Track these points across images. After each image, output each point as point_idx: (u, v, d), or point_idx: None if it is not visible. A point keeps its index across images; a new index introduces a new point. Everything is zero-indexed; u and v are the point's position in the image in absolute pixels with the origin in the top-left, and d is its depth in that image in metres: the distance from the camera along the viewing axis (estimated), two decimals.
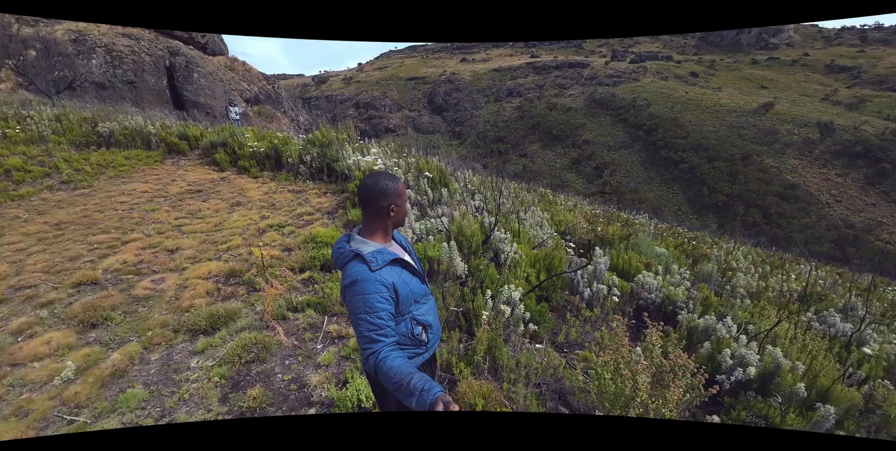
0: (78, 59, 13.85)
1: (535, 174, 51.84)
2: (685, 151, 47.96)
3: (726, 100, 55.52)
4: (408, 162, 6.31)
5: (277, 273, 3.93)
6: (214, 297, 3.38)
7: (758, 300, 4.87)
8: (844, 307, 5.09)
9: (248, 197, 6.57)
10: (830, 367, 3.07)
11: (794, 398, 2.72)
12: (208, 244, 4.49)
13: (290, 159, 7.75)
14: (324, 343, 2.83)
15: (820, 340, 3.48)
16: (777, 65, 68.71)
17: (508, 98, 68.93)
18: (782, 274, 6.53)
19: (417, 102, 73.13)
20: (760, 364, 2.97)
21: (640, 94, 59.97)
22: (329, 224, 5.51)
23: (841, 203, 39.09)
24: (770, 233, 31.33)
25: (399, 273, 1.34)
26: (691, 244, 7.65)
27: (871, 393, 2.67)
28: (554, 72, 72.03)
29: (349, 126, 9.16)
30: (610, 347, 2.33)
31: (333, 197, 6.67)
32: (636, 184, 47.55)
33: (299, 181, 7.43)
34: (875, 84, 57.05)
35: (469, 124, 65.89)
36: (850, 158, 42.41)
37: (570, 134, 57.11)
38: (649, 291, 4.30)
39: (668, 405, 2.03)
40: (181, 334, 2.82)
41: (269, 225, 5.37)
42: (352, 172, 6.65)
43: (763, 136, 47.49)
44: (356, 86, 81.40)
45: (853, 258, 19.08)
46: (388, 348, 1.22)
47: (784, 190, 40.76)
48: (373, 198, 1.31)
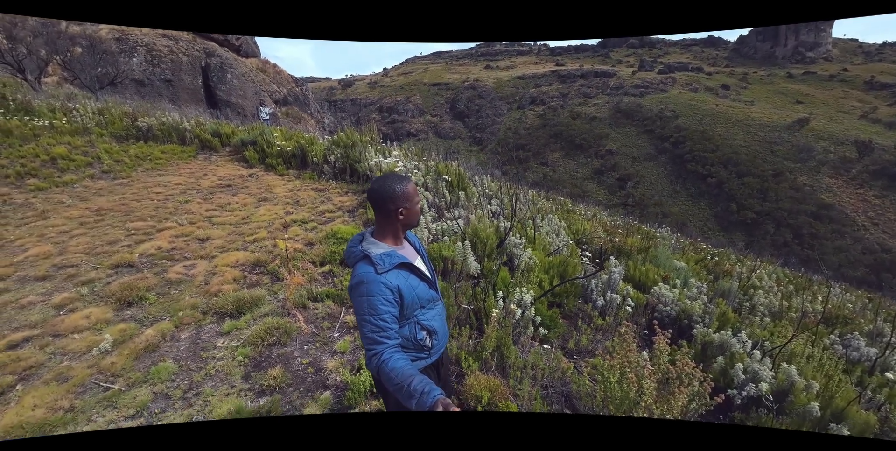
0: (120, 57, 14.76)
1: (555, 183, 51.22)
2: (714, 165, 46.51)
3: (758, 114, 53.77)
4: (427, 165, 6.45)
5: (300, 265, 4.10)
6: (241, 284, 3.56)
7: (779, 320, 4.73)
8: (871, 332, 4.88)
9: (274, 193, 6.84)
10: (848, 388, 2.98)
11: (808, 418, 2.66)
12: (236, 235, 4.72)
13: (315, 159, 8.03)
14: (340, 332, 2.95)
15: (837, 360, 3.37)
16: (814, 79, 66.19)
17: (531, 106, 68.83)
18: (808, 295, 6.30)
19: (440, 107, 73.95)
20: (774, 381, 2.91)
21: (668, 105, 58.79)
22: (349, 222, 5.68)
23: (878, 226, 37.07)
24: (801, 254, 29.97)
25: (406, 277, 1.34)
26: (713, 260, 7.46)
27: (886, 416, 2.58)
28: (579, 81, 71.56)
29: (372, 129, 9.41)
30: (618, 352, 2.35)
31: (355, 196, 6.86)
32: (661, 197, 46.30)
33: (323, 180, 7.68)
34: None
35: (490, 131, 66.05)
36: (889, 179, 40.28)
37: (594, 144, 56.39)
38: (665, 303, 4.25)
39: (672, 411, 2.03)
40: (209, 316, 2.99)
41: (293, 220, 5.59)
42: (373, 173, 6.84)
43: (797, 152, 45.67)
44: (381, 90, 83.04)
45: (889, 284, 18.05)
46: (390, 350, 1.24)
47: (818, 210, 38.93)
48: (381, 201, 1.32)
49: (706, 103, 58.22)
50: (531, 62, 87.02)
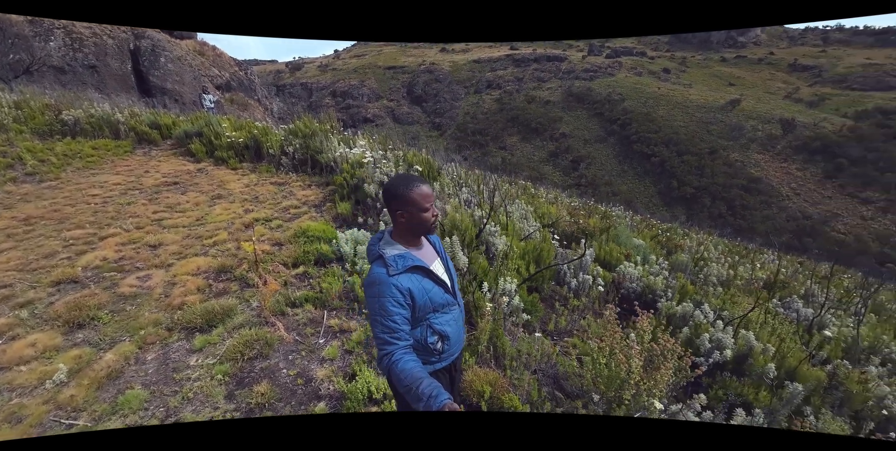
0: (35, 42, 12.74)
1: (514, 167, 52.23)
2: (657, 145, 49.54)
3: (696, 96, 57.50)
4: (396, 155, 6.27)
5: (270, 268, 3.87)
6: (207, 294, 3.30)
7: (728, 288, 5.21)
8: (806, 294, 5.53)
9: (228, 190, 6.36)
10: (796, 349, 3.37)
11: (766, 377, 2.97)
12: (192, 239, 4.35)
13: (272, 150, 7.53)
14: (326, 338, 2.84)
15: (788, 324, 3.79)
16: (744, 63, 71.61)
17: (488, 90, 68.78)
18: (749, 263, 6.99)
19: (396, 91, 71.81)
20: (735, 347, 3.21)
21: (616, 88, 61.20)
22: (318, 218, 5.43)
23: (800, 196, 41.60)
24: (734, 224, 33.08)
25: (419, 280, 1.33)
26: (665, 236, 8.02)
27: (834, 372, 2.95)
28: (533, 65, 72.28)
29: (331, 117, 8.96)
30: (604, 334, 2.47)
31: (319, 190, 6.55)
32: (610, 177, 48.90)
33: (281, 173, 7.24)
34: (834, 83, 60.40)
35: (449, 116, 65.42)
36: (809, 153, 45.02)
37: (548, 127, 57.78)
38: (631, 280, 4.51)
39: (658, 385, 2.18)
40: (176, 333, 2.75)
41: (255, 219, 5.24)
42: (338, 164, 6.54)
43: (729, 131, 49.62)
44: (333, 74, 78.92)
45: (811, 248, 20.50)
46: (400, 351, 1.24)
47: (748, 183, 42.90)
48: (386, 201, 1.33)
49: (650, 87, 61.26)
50: (486, 46, 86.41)
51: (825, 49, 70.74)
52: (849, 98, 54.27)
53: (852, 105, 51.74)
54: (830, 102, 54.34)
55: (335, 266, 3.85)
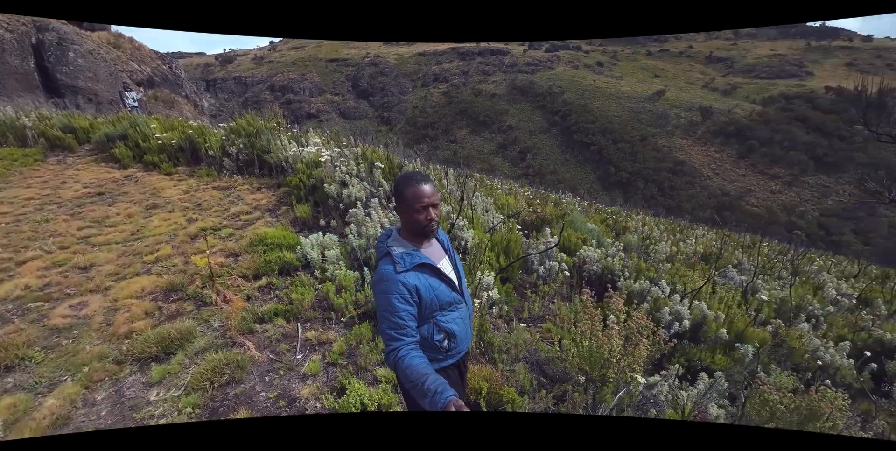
0: None
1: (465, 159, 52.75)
2: (594, 134, 52.84)
3: (627, 87, 61.81)
4: (354, 152, 6.00)
5: (229, 283, 3.55)
6: (157, 317, 2.95)
7: (673, 263, 5.69)
8: (738, 264, 6.20)
9: (164, 197, 5.74)
10: (741, 314, 3.76)
11: (719, 342, 3.29)
12: (130, 257, 3.86)
13: (212, 152, 6.89)
14: (304, 352, 2.67)
15: (728, 292, 4.22)
16: (667, 56, 77.98)
17: (435, 83, 68.53)
18: (687, 239, 7.69)
19: (340, 85, 69.05)
20: (691, 317, 3.52)
21: (556, 81, 63.92)
22: (274, 223, 5.08)
23: (719, 175, 46.62)
24: (665, 204, 36.29)
25: (426, 278, 1.35)
26: (613, 219, 8.58)
27: (776, 331, 3.34)
28: (477, 58, 73.05)
29: (277, 113, 8.39)
30: (584, 317, 2.56)
31: (270, 192, 6.13)
32: (555, 166, 51.45)
33: (224, 176, 6.66)
34: (745, 73, 67.92)
35: (398, 110, 64.34)
36: (725, 136, 50.44)
37: (496, 120, 59.08)
38: (591, 263, 4.75)
39: (637, 361, 2.31)
40: (127, 365, 2.42)
41: (202, 229, 4.79)
42: (291, 165, 6.14)
43: (657, 119, 54.12)
44: (269, 66, 73.95)
45: (730, 221, 23.05)
46: (407, 348, 1.25)
47: (674, 166, 47.39)
48: (393, 198, 1.40)
49: (586, 79, 64.75)
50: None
51: (736, 42, 79.03)
52: (757, 86, 61.43)
53: (760, 92, 58.71)
54: (741, 90, 61.16)
55: (302, 275, 3.62)
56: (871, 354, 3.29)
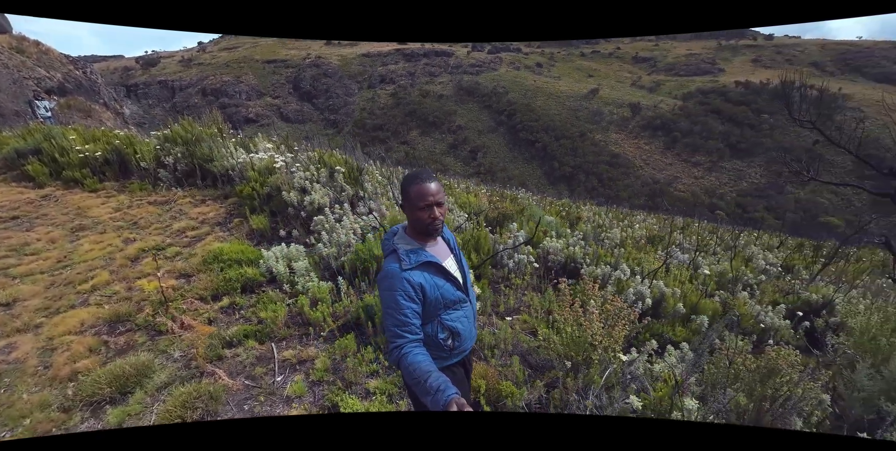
0: None
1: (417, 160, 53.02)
2: (538, 132, 55.42)
3: (564, 87, 65.33)
4: (310, 157, 5.72)
5: (184, 307, 3.22)
6: (104, 354, 2.59)
7: (625, 247, 6.10)
8: (680, 244, 6.78)
9: (92, 217, 5.11)
10: (692, 288, 4.11)
11: (677, 315, 3.57)
12: (61, 288, 3.37)
13: (144, 163, 6.24)
14: (283, 374, 2.49)
15: (684, 269, 4.60)
16: (598, 57, 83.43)
17: (382, 85, 67.54)
18: (632, 225, 8.29)
19: (280, 87, 65.63)
20: (651, 296, 3.78)
21: (499, 82, 65.90)
22: (227, 237, 4.72)
23: (649, 165, 50.88)
24: (605, 194, 38.93)
25: (431, 276, 1.35)
26: (566, 211, 9.04)
27: (725, 301, 3.69)
28: (423, 60, 73.10)
29: (217, 118, 7.79)
30: (564, 305, 2.65)
31: (217, 204, 5.69)
32: (504, 163, 53.26)
33: (161, 190, 6.08)
34: (666, 71, 74.53)
35: (344, 112, 62.55)
36: (652, 130, 55.10)
37: (445, 120, 59.66)
38: (555, 253, 4.94)
39: (617, 341, 2.43)
40: (77, 412, 2.10)
41: (142, 250, 4.32)
42: (240, 173, 5.71)
43: (592, 116, 57.88)
44: (199, 69, 68.37)
45: (662, 206, 25.24)
46: (410, 345, 1.26)
47: (611, 159, 51.12)
48: (399, 197, 1.41)
49: (527, 80, 67.47)
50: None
51: (657, 43, 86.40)
52: (677, 83, 67.70)
53: (680, 88, 64.77)
54: (664, 87, 67.08)
55: (270, 290, 3.38)
56: (802, 314, 3.74)
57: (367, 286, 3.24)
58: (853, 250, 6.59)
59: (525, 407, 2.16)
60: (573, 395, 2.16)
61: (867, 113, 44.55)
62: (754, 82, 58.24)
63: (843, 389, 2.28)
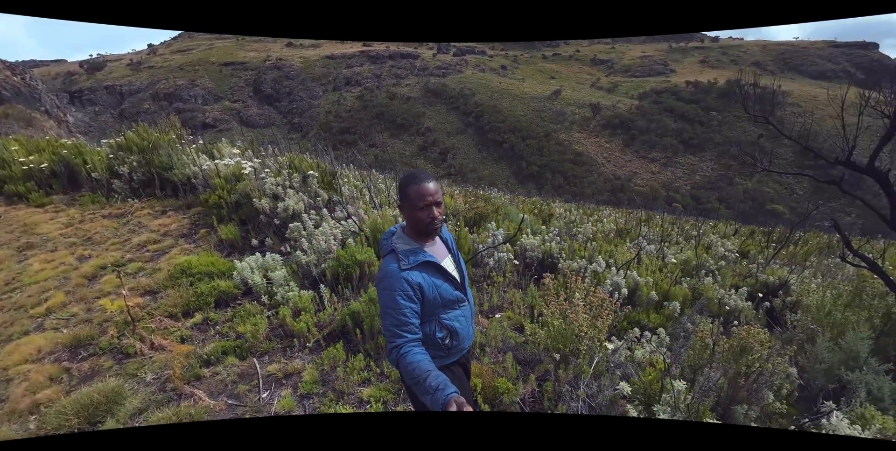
0: None
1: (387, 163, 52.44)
2: (506, 133, 56.62)
3: (529, 89, 67.02)
4: (279, 162, 5.52)
5: (153, 326, 3.02)
6: (67, 383, 2.38)
7: (596, 241, 6.33)
8: (646, 236, 7.12)
9: (41, 234, 4.70)
10: (662, 277, 4.32)
11: (651, 303, 3.75)
12: (11, 313, 3.06)
13: (95, 174, 5.81)
14: (269, 390, 2.38)
15: (653, 259, 4.83)
16: (559, 59, 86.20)
17: (347, 87, 66.39)
18: (601, 220, 8.62)
19: (240, 91, 63.01)
20: (626, 285, 3.95)
21: (466, 84, 66.64)
22: (194, 250, 4.48)
23: (610, 162, 53.20)
24: (570, 191, 40.36)
25: (430, 276, 1.36)
26: (538, 208, 9.28)
27: (695, 286, 3.90)
28: (388, 62, 72.56)
29: (175, 123, 7.39)
30: (550, 300, 2.71)
31: (179, 215, 5.40)
32: (474, 164, 54.01)
33: (116, 202, 5.69)
34: (623, 73, 78.15)
35: (309, 115, 60.97)
36: (612, 128, 57.62)
37: (413, 122, 59.59)
38: (532, 250, 5.05)
39: (602, 331, 2.52)
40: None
41: (100, 267, 4.03)
42: (205, 180, 5.43)
43: (556, 116, 59.80)
44: (150, 73, 64.37)
45: (623, 201, 26.40)
46: (409, 344, 1.25)
47: (575, 157, 53.08)
48: (397, 197, 1.39)
49: (493, 82, 68.68)
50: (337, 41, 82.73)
51: (613, 46, 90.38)
52: (633, 83, 71.15)
53: (636, 88, 68.12)
54: (621, 88, 70.34)
55: (246, 303, 3.23)
56: (761, 295, 4.03)
57: (350, 293, 3.17)
58: (800, 234, 7.17)
59: (521, 402, 2.18)
60: (565, 386, 2.21)
61: (805, 107, 48.78)
62: (703, 82, 62.26)
63: (805, 362, 2.47)
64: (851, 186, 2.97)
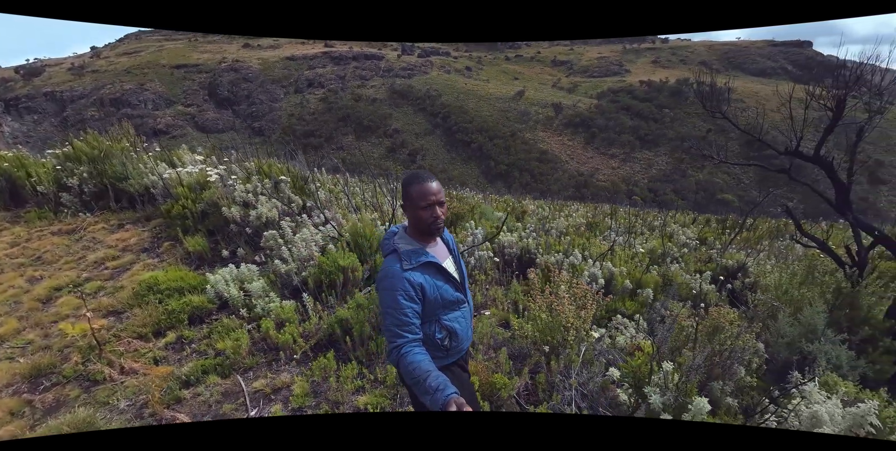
0: None
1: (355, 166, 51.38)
2: (473, 133, 57.40)
3: (494, 90, 68.20)
4: (245, 167, 5.29)
5: (120, 349, 2.83)
6: (30, 417, 2.17)
7: (569, 235, 6.56)
8: (613, 228, 7.45)
9: None
10: (634, 266, 4.54)
11: (626, 291, 3.93)
12: None
13: (41, 187, 5.34)
14: (257, 406, 2.29)
15: (625, 250, 5.06)
16: (522, 60, 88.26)
17: (310, 89, 64.62)
18: (571, 215, 8.93)
19: (194, 94, 59.77)
20: (602, 276, 4.12)
21: (432, 85, 66.81)
22: (158, 265, 4.23)
23: (573, 159, 55.22)
24: (537, 188, 41.52)
25: (431, 277, 1.36)
26: (511, 206, 9.48)
27: (664, 273, 4.13)
28: (352, 63, 71.31)
29: (128, 129, 6.93)
30: (535, 295, 2.78)
31: (139, 228, 5.09)
32: (444, 165, 54.35)
33: (66, 217, 5.27)
34: (581, 73, 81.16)
35: (270, 119, 58.84)
36: (574, 127, 59.79)
37: (381, 124, 59.02)
38: (510, 246, 5.15)
39: (587, 320, 2.61)
40: None
41: (55, 288, 3.72)
42: (166, 190, 5.12)
43: (521, 116, 61.28)
44: (94, 77, 59.75)
45: (587, 196, 27.43)
46: (410, 345, 1.26)
47: (540, 155, 54.73)
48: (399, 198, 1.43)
49: (458, 83, 69.31)
50: (298, 42, 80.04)
51: (572, 47, 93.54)
52: (591, 84, 74.07)
53: (594, 88, 70.97)
54: (581, 88, 73.07)
55: (224, 318, 3.09)
56: (723, 278, 4.32)
57: (335, 300, 3.10)
58: (751, 221, 7.75)
59: (517, 396, 2.23)
60: (557, 376, 2.28)
61: (747, 103, 52.62)
62: (655, 81, 65.82)
63: (769, 337, 2.68)
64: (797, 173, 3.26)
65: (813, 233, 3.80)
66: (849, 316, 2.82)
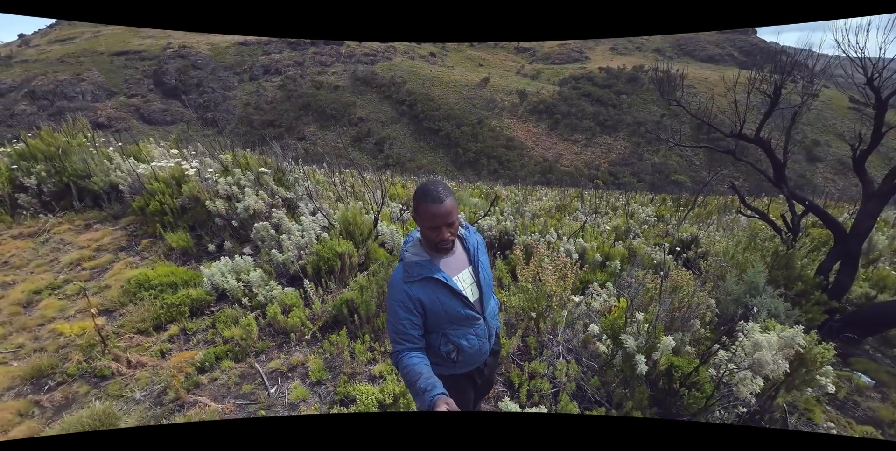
0: None
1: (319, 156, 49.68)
2: (440, 121, 57.01)
3: (459, 77, 67.72)
4: (221, 160, 5.18)
5: (122, 345, 2.85)
6: (41, 416, 2.20)
7: (541, 217, 6.98)
8: (580, 209, 7.97)
9: None
10: (602, 241, 4.98)
11: (596, 263, 4.34)
12: None
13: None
14: (277, 384, 2.44)
15: (595, 228, 5.50)
16: (485, 47, 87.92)
17: (266, 76, 61.23)
18: (540, 198, 9.39)
19: (137, 84, 55.05)
20: (576, 251, 4.50)
21: (396, 72, 65.26)
22: (141, 262, 4.17)
23: (538, 146, 56.42)
24: (505, 175, 42.23)
25: (433, 291, 1.30)
26: (485, 192, 9.82)
27: (629, 246, 4.58)
28: (311, 48, 68.09)
29: (82, 123, 6.53)
30: (521, 268, 3.07)
31: (109, 227, 4.94)
32: (412, 154, 53.73)
33: (25, 219, 5.00)
34: (544, 60, 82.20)
35: (224, 109, 55.44)
36: (538, 113, 60.84)
37: (344, 112, 57.23)
38: (489, 229, 5.44)
39: (568, 288, 2.93)
40: None
41: (33, 292, 3.61)
42: (135, 186, 4.94)
43: (487, 103, 61.48)
44: (24, 68, 53.38)
45: (552, 181, 28.41)
46: (406, 351, 1.28)
47: (507, 142, 55.48)
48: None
49: (423, 70, 68.14)
50: None
51: None
52: (554, 71, 75.29)
53: (556, 75, 72.24)
54: (544, 75, 74.15)
55: (226, 308, 3.16)
56: (679, 249, 4.84)
57: (335, 285, 3.25)
58: (701, 199, 8.52)
59: (512, 356, 2.51)
60: (546, 336, 2.59)
61: (698, 89, 55.65)
62: (613, 68, 67.89)
63: (718, 295, 3.14)
64: (741, 154, 3.71)
65: (756, 206, 4.34)
66: (785, 275, 3.34)
